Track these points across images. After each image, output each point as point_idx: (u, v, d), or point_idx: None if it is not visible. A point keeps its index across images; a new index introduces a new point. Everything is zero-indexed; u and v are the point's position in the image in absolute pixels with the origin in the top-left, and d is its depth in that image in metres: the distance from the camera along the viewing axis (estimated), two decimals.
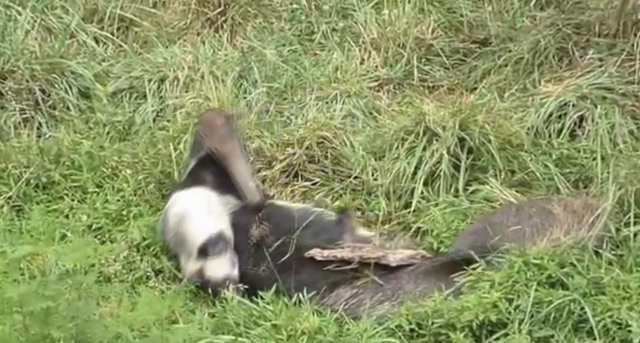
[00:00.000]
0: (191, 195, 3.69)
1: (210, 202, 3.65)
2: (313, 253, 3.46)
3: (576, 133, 4.20)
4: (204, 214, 3.59)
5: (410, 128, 4.09)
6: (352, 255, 3.44)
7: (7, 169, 4.03)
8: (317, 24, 5.11)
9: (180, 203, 3.67)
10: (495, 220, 3.52)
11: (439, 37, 4.92)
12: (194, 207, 3.62)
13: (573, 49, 4.57)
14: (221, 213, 3.62)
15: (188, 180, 3.82)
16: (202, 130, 3.88)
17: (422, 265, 3.45)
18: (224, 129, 3.83)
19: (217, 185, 3.74)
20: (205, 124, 3.89)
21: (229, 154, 3.76)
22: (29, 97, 4.50)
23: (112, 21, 5.09)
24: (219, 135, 3.81)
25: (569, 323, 3.16)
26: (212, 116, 3.93)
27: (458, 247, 3.51)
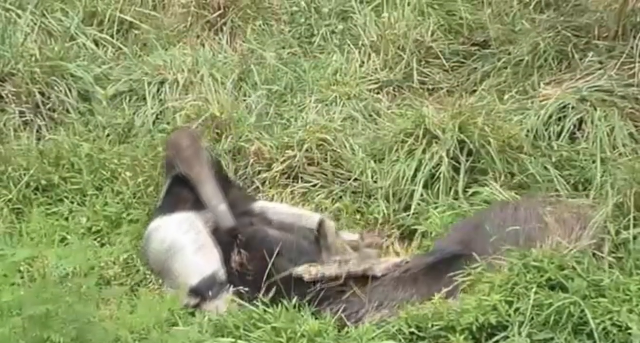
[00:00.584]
0: (175, 224, 3.59)
1: (197, 230, 3.57)
2: (301, 272, 3.42)
3: (576, 136, 4.21)
4: (193, 251, 3.50)
5: (410, 131, 4.09)
6: (339, 271, 3.42)
7: (7, 172, 4.03)
8: (317, 27, 5.11)
9: (164, 233, 3.59)
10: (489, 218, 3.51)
11: (438, 39, 4.92)
12: (182, 240, 3.53)
13: (573, 52, 4.57)
14: (209, 243, 3.53)
15: (168, 202, 3.74)
16: (170, 153, 3.81)
17: (408, 269, 3.44)
18: (189, 152, 3.75)
19: (196, 204, 3.66)
20: (171, 147, 3.82)
21: (197, 178, 3.68)
22: (29, 100, 4.50)
23: (112, 24, 5.09)
24: (185, 159, 3.74)
25: (569, 326, 3.15)
26: (177, 138, 3.85)
27: (442, 245, 3.50)
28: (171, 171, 3.80)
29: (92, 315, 2.64)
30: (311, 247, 3.57)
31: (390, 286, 3.40)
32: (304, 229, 3.67)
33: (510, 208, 3.54)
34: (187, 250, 3.50)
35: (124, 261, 3.66)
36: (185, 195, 3.72)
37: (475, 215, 3.62)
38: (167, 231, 3.58)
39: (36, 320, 2.50)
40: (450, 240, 3.49)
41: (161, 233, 3.58)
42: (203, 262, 3.49)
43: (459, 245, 3.41)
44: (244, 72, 4.72)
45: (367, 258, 3.48)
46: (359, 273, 3.41)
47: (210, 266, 3.47)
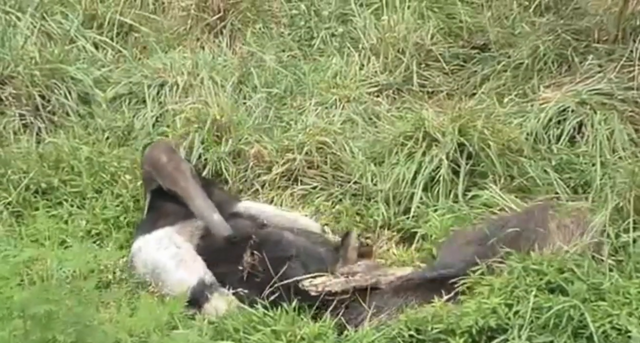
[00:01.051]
0: (154, 242, 3.58)
1: (176, 244, 3.56)
2: (308, 287, 3.39)
3: (575, 139, 4.21)
4: (175, 267, 3.49)
5: (409, 133, 4.09)
6: (346, 286, 3.39)
7: (7, 175, 4.03)
8: (317, 30, 5.12)
9: (145, 254, 3.58)
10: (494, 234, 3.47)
11: (438, 42, 4.92)
12: (162, 259, 3.52)
13: (572, 55, 4.57)
14: (190, 254, 3.53)
15: (149, 219, 3.73)
16: (149, 169, 3.80)
17: (410, 279, 3.43)
18: (170, 167, 3.74)
19: (179, 215, 3.66)
20: (150, 163, 3.81)
21: (184, 193, 3.67)
22: (29, 103, 4.50)
23: (112, 27, 5.09)
24: (167, 175, 3.73)
25: (569, 329, 3.15)
26: (154, 154, 3.83)
27: (446, 261, 3.45)
28: (150, 185, 3.80)
29: (92, 318, 2.63)
30: (326, 254, 3.56)
31: (390, 292, 3.40)
32: (315, 235, 3.67)
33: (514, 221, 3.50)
34: (168, 267, 3.50)
35: (124, 264, 3.66)
36: (166, 209, 3.71)
37: (482, 228, 3.57)
38: (147, 252, 3.58)
39: (37, 321, 2.50)
40: (454, 257, 3.45)
41: (143, 255, 3.58)
42: (187, 274, 3.48)
43: (463, 263, 3.38)
44: (244, 75, 4.72)
45: (373, 269, 3.46)
46: (365, 286, 3.40)
47: (194, 275, 3.46)
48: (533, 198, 3.88)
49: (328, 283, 3.39)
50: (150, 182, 3.82)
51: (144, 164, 3.88)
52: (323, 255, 3.54)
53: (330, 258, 3.55)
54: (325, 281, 3.40)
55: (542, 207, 3.61)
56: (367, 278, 3.41)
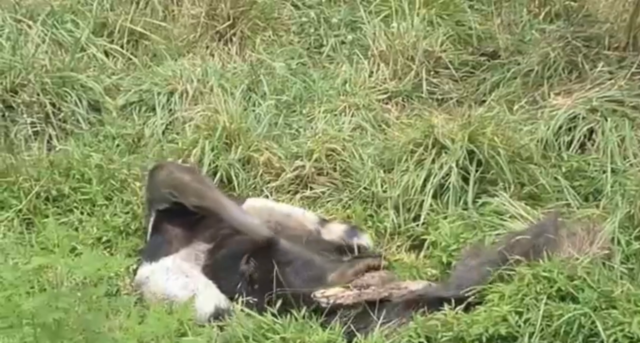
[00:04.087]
0: (162, 273, 3.52)
1: (185, 273, 3.52)
2: (319, 299, 3.36)
3: (586, 146, 4.20)
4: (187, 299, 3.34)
5: (419, 141, 4.09)
6: (359, 299, 3.36)
7: (18, 182, 4.04)
8: (326, 37, 5.13)
9: (154, 285, 3.51)
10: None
11: (447, 49, 4.92)
12: (173, 290, 3.46)
13: (583, 62, 4.56)
14: (201, 281, 3.48)
15: (154, 244, 3.67)
16: (171, 191, 3.70)
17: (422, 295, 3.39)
18: (194, 183, 3.68)
19: (182, 241, 3.62)
20: (172, 186, 3.70)
21: (215, 204, 3.62)
22: (40, 111, 4.52)
23: (122, 35, 5.12)
24: (193, 191, 3.66)
25: (580, 337, 3.13)
26: (177, 176, 3.72)
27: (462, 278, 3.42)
28: (158, 205, 3.74)
29: (102, 325, 2.64)
30: (323, 262, 3.53)
31: (401, 305, 3.37)
32: (324, 242, 3.65)
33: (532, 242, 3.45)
34: (180, 298, 3.41)
35: (134, 271, 3.66)
36: (169, 234, 3.66)
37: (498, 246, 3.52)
38: (156, 283, 3.52)
39: (47, 329, 2.51)
40: (469, 276, 3.41)
41: (151, 286, 3.52)
42: (201, 303, 3.40)
43: (478, 283, 3.34)
44: (253, 82, 4.73)
45: (386, 282, 3.43)
46: (377, 299, 3.37)
47: (210, 303, 3.41)
48: (543, 206, 3.86)
49: (340, 296, 3.36)
50: (158, 203, 3.74)
51: (162, 188, 3.74)
52: (318, 263, 3.50)
53: (328, 266, 3.51)
54: (337, 293, 3.37)
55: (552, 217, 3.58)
56: (380, 292, 3.39)
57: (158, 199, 3.76)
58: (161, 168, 3.86)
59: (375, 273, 3.48)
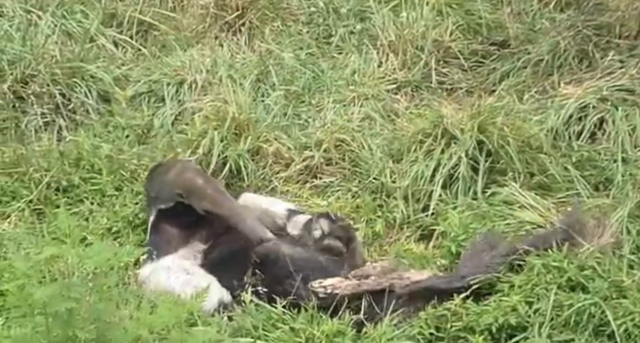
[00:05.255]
0: (164, 271, 3.50)
1: (186, 271, 3.50)
2: (317, 289, 3.32)
3: (596, 135, 4.18)
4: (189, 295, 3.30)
5: (428, 131, 4.08)
6: (358, 290, 3.32)
7: (28, 173, 4.06)
8: (335, 27, 5.12)
9: (155, 283, 3.48)
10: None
11: (457, 39, 4.90)
12: (175, 288, 3.40)
13: (593, 51, 4.54)
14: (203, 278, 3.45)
15: (155, 243, 3.64)
16: (180, 192, 3.65)
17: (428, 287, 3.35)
18: (209, 189, 3.63)
19: (179, 240, 3.61)
20: (183, 187, 3.66)
21: (231, 214, 3.59)
22: (50, 101, 4.54)
23: (131, 25, 5.12)
24: (208, 198, 3.62)
25: (590, 327, 3.13)
26: (189, 178, 3.68)
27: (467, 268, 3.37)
28: (161, 204, 3.70)
29: (113, 315, 2.65)
30: (328, 261, 3.49)
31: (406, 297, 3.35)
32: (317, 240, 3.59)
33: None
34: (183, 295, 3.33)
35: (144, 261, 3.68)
36: (167, 234, 3.64)
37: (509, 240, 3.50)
38: (158, 281, 3.49)
39: (59, 318, 2.52)
40: (476, 264, 3.38)
41: (153, 284, 3.50)
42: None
43: (484, 272, 3.32)
44: (262, 73, 4.73)
45: (388, 272, 3.38)
46: (378, 290, 3.33)
47: (213, 298, 3.38)
48: (553, 196, 3.85)
49: (338, 286, 3.33)
50: (163, 202, 3.71)
51: (171, 187, 3.69)
52: (324, 264, 3.46)
53: (334, 265, 3.46)
54: (335, 283, 3.33)
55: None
56: (380, 282, 3.34)
57: (164, 198, 3.72)
58: (170, 167, 3.83)
59: (377, 264, 3.46)
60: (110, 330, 2.61)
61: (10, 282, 2.93)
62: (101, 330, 2.58)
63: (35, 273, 2.57)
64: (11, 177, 4.07)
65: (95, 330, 2.56)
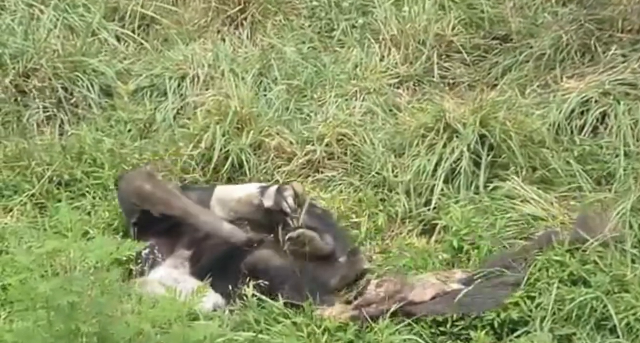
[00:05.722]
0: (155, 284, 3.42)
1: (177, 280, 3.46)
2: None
3: (598, 129, 4.17)
4: None
5: (430, 125, 4.07)
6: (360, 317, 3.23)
7: (30, 167, 4.07)
8: (337, 21, 5.11)
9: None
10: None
11: (459, 33, 4.89)
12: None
13: (595, 45, 4.53)
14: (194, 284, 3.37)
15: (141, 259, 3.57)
16: (135, 201, 3.64)
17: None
18: (158, 192, 3.61)
19: (165, 247, 3.59)
20: (135, 195, 3.64)
21: (183, 213, 3.57)
22: (52, 95, 4.54)
23: (133, 19, 5.12)
24: (158, 201, 3.60)
25: (592, 321, 3.13)
26: (137, 185, 3.65)
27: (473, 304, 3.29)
28: (132, 217, 3.67)
29: (115, 309, 2.66)
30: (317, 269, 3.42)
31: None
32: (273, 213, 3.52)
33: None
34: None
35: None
36: (153, 244, 3.57)
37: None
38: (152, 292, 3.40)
39: (61, 312, 2.53)
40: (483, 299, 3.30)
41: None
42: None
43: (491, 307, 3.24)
44: (264, 67, 4.73)
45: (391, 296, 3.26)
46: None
47: (208, 301, 3.34)
48: (555, 190, 3.85)
49: (338, 317, 3.24)
50: (132, 214, 3.69)
51: (127, 198, 3.69)
52: (314, 274, 3.41)
53: (324, 274, 3.43)
54: (336, 314, 3.25)
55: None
56: (381, 309, 3.24)
57: (128, 212, 3.71)
58: (121, 179, 3.82)
59: (382, 284, 3.32)
60: (112, 324, 2.61)
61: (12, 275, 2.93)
62: (103, 324, 2.58)
63: (37, 267, 2.57)
64: (13, 171, 4.07)
65: (97, 323, 2.57)
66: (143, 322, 2.62)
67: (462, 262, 3.55)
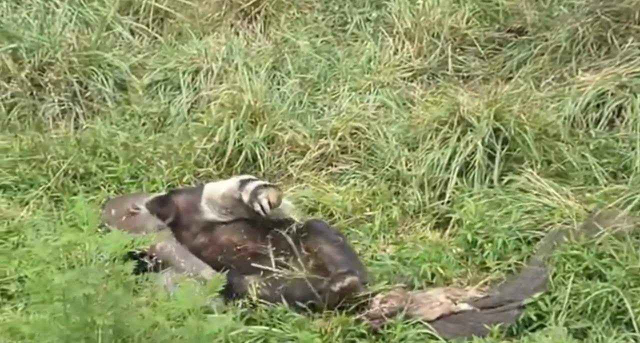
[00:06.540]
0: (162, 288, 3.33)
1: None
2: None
3: (614, 123, 4.14)
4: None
5: (444, 118, 4.06)
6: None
7: (46, 160, 4.09)
8: (351, 15, 5.10)
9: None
10: None
11: (473, 26, 4.87)
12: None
13: (612, 38, 4.49)
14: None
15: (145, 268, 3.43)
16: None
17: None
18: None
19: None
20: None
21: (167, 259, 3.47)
22: (67, 89, 4.56)
23: (147, 13, 5.13)
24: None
25: (607, 315, 3.12)
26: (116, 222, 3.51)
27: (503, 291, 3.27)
28: None
29: (130, 302, 2.67)
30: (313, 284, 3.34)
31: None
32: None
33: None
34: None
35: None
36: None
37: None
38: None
39: (77, 304, 2.54)
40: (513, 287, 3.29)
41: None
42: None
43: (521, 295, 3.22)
44: (278, 61, 4.73)
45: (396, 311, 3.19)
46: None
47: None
48: (571, 183, 3.83)
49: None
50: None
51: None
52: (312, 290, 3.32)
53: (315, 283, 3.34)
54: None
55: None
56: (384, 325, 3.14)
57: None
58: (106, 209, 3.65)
59: (387, 300, 3.23)
60: (127, 317, 2.63)
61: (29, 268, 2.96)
62: (118, 316, 2.60)
63: (53, 260, 2.59)
64: (29, 165, 4.10)
65: (112, 316, 2.58)
66: (158, 315, 2.64)
67: (476, 257, 3.54)
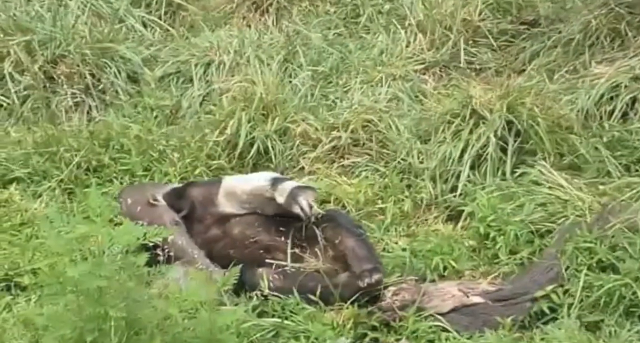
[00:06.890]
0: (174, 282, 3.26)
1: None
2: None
3: (628, 115, 4.12)
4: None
5: (456, 111, 4.05)
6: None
7: (59, 153, 4.11)
8: (363, 7, 5.08)
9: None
10: None
11: (486, 18, 4.85)
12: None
13: (626, 29, 4.46)
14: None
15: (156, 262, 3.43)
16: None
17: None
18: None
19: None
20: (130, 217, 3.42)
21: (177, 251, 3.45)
22: (80, 82, 4.58)
23: (160, 6, 5.14)
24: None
25: (620, 307, 3.11)
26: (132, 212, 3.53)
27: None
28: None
29: (142, 294, 2.69)
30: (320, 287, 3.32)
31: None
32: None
33: None
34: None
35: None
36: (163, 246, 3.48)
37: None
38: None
39: (90, 296, 2.56)
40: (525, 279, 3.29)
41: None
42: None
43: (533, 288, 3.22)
44: (290, 53, 4.72)
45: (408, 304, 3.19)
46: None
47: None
48: (584, 176, 3.81)
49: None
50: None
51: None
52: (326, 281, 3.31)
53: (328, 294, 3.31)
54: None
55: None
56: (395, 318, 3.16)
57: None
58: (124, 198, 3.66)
59: (399, 292, 3.23)
60: (140, 309, 2.64)
61: (42, 260, 2.98)
62: (131, 308, 2.61)
63: (66, 252, 2.60)
64: (42, 157, 4.12)
65: (125, 308, 2.60)
66: (171, 307, 2.65)
67: (488, 249, 3.53)
